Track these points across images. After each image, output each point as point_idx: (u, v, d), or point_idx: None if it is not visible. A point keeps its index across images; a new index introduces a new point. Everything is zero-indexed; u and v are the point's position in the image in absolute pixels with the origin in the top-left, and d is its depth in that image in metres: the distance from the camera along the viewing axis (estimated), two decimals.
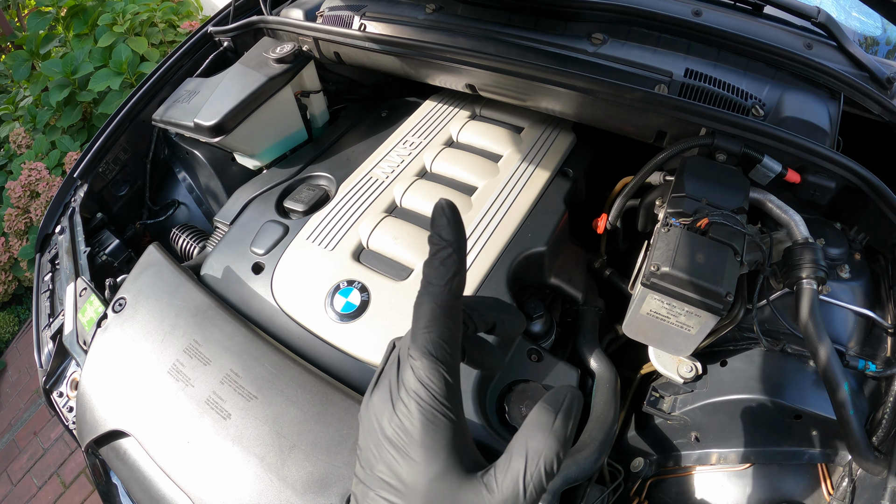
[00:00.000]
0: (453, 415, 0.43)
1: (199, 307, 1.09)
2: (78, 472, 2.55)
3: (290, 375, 0.98)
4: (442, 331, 0.44)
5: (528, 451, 0.42)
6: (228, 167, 1.61)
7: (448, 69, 1.33)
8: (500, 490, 0.41)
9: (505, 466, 0.42)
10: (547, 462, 0.41)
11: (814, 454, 0.99)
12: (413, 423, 0.42)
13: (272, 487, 0.89)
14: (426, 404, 0.42)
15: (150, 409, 1.02)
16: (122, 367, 1.08)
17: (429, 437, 0.42)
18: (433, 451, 0.42)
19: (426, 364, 0.43)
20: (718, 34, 1.16)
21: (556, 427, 0.42)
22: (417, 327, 0.45)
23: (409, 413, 0.43)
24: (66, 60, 3.10)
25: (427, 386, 0.43)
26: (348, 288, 1.10)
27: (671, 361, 1.06)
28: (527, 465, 0.41)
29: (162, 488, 0.98)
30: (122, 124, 1.61)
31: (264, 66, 1.44)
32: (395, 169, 1.35)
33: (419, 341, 0.44)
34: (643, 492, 1.10)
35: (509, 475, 0.41)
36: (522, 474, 0.41)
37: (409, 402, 0.43)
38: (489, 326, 0.53)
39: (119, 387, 1.06)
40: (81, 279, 1.32)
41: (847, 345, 1.01)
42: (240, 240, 1.26)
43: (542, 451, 0.41)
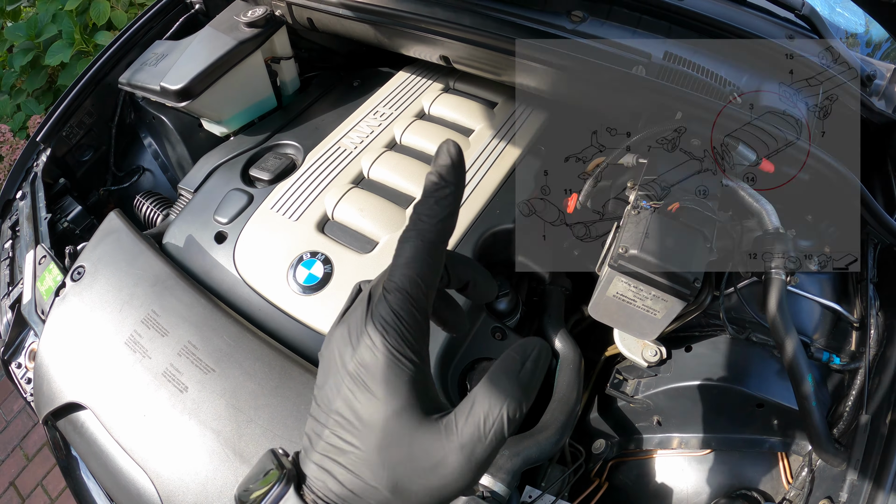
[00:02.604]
0: (417, 355, 0.42)
1: (158, 276, 1.07)
2: (41, 445, 2.51)
3: (248, 348, 0.96)
4: (422, 269, 0.42)
5: (492, 398, 0.40)
6: (195, 133, 1.57)
7: (422, 39, 1.30)
8: (458, 434, 0.40)
9: (466, 410, 0.40)
10: (510, 410, 0.40)
11: (774, 443, 1.00)
12: (377, 357, 0.41)
13: (228, 463, 0.87)
14: (393, 339, 0.41)
15: (106, 382, 1.00)
16: (80, 337, 1.06)
17: (392, 372, 0.41)
18: (394, 388, 0.41)
19: (399, 299, 0.41)
20: (700, 19, 1.14)
21: (521, 375, 0.41)
22: (398, 262, 0.43)
23: (374, 346, 0.41)
24: (30, 23, 2.99)
25: (397, 321, 0.41)
26: (311, 259, 1.08)
27: (636, 345, 1.06)
28: (489, 410, 0.40)
29: (118, 462, 0.96)
30: (87, 87, 1.56)
31: (234, 30, 1.39)
32: (364, 140, 1.32)
33: (397, 275, 0.42)
34: (604, 473, 1.11)
35: (470, 420, 0.40)
36: (483, 420, 0.40)
37: (374, 337, 0.41)
38: (462, 284, 0.51)
39: (76, 358, 1.04)
40: (41, 246, 1.28)
41: (813, 337, 1.02)
42: (203, 208, 1.23)
43: (505, 399, 0.40)
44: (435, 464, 0.40)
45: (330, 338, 0.45)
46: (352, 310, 0.45)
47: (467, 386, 0.95)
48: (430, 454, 0.40)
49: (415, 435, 0.40)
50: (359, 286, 0.48)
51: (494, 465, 0.83)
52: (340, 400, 0.42)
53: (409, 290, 0.42)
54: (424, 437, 0.40)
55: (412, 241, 0.43)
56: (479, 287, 0.52)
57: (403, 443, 0.40)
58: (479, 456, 0.40)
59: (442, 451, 0.40)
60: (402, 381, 0.41)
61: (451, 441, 0.40)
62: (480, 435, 0.39)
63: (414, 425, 0.40)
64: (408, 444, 0.40)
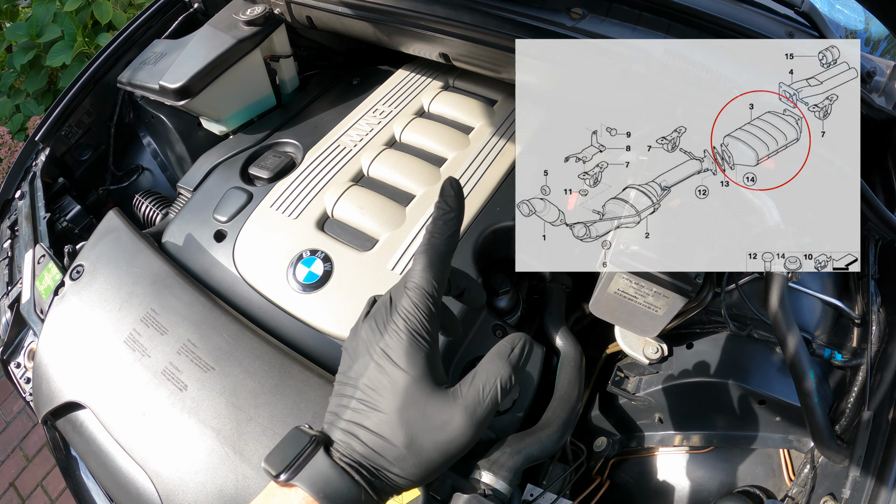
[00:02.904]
0: (431, 337, 0.53)
1: (157, 275, 1.06)
2: (41, 446, 2.51)
3: (248, 346, 0.95)
4: (435, 273, 0.55)
5: (489, 371, 0.52)
6: (194, 132, 1.57)
7: (422, 37, 1.29)
8: (463, 398, 0.51)
9: (469, 381, 0.52)
10: (503, 380, 0.51)
11: (776, 440, 1.00)
12: (401, 337, 0.52)
13: (228, 461, 0.87)
14: (413, 322, 0.52)
15: (105, 380, 0.99)
16: (79, 336, 1.05)
17: (412, 348, 0.52)
18: (414, 360, 0.52)
19: (418, 294, 0.53)
20: (699, 16, 1.14)
21: (511, 357, 0.53)
22: (416, 268, 0.55)
23: (399, 330, 0.53)
24: (31, 23, 2.98)
25: (417, 308, 0.53)
26: (311, 258, 1.07)
27: (637, 342, 1.05)
28: (486, 379, 0.51)
29: (118, 462, 0.96)
30: (86, 86, 1.56)
31: (233, 29, 1.39)
32: (363, 138, 1.32)
33: (416, 277, 0.54)
34: (605, 471, 1.10)
35: (472, 388, 0.51)
36: (482, 386, 0.51)
37: (399, 322, 0.53)
38: (460, 291, 0.65)
39: (75, 357, 1.04)
40: (40, 246, 1.28)
41: (814, 333, 1.01)
42: (203, 206, 1.23)
43: (499, 372, 0.52)
44: (444, 422, 0.50)
45: (356, 332, 0.56)
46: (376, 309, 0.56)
47: None
48: (440, 413, 0.50)
49: (428, 398, 0.51)
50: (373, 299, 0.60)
51: (496, 462, 0.83)
52: (368, 374, 0.52)
53: (426, 288, 0.54)
54: (436, 400, 0.51)
55: (427, 253, 0.55)
56: (472, 294, 0.66)
57: (420, 404, 0.51)
58: (480, 415, 0.50)
59: (449, 412, 0.50)
60: (421, 355, 0.52)
61: (457, 403, 0.51)
62: (480, 399, 0.51)
63: (428, 391, 0.51)
64: (423, 406, 0.51)
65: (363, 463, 0.50)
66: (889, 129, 1.08)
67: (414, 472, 0.51)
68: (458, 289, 0.64)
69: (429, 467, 0.51)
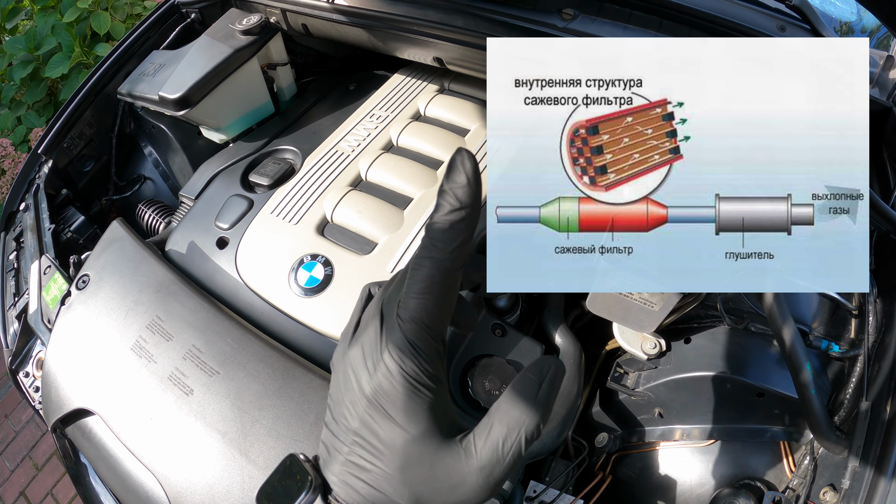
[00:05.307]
0: (436, 382, 0.42)
1: (161, 283, 1.08)
2: (50, 454, 2.52)
3: (252, 350, 0.97)
4: (437, 298, 0.41)
5: (510, 420, 0.41)
6: (195, 141, 1.58)
7: (416, 42, 1.31)
8: (478, 456, 0.41)
9: (485, 433, 0.41)
10: (528, 432, 0.41)
11: (776, 432, 1.00)
12: (395, 386, 0.41)
13: (234, 463, 0.88)
14: (410, 369, 0.41)
15: (113, 387, 1.01)
16: (86, 344, 1.07)
17: (411, 401, 0.41)
18: (414, 415, 0.41)
19: (415, 329, 0.41)
20: (690, 12, 1.15)
21: (539, 397, 0.42)
22: (411, 291, 0.41)
23: (392, 376, 0.41)
24: (30, 36, 2.99)
25: (413, 351, 0.41)
26: (312, 262, 1.09)
27: (635, 338, 1.06)
28: (507, 433, 0.41)
29: (127, 466, 0.97)
30: (87, 98, 1.56)
31: (230, 38, 1.41)
32: (361, 143, 1.33)
33: (411, 306, 0.41)
34: (607, 467, 1.11)
35: (489, 442, 0.41)
36: (502, 442, 0.40)
37: (391, 366, 0.41)
38: (474, 285, 0.52)
39: (83, 364, 1.05)
40: (46, 257, 1.29)
41: (811, 325, 1.02)
42: (204, 214, 1.24)
43: (524, 422, 0.41)
44: (455, 484, 0.41)
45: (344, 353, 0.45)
46: (364, 327, 0.45)
47: (468, 382, 0.96)
48: (450, 476, 0.41)
49: (435, 458, 0.41)
50: (368, 290, 0.49)
51: None
52: (359, 422, 0.42)
53: (425, 321, 0.41)
54: (445, 459, 0.41)
55: (426, 270, 0.41)
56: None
57: (424, 465, 0.41)
58: (497, 476, 0.41)
59: (462, 473, 0.41)
60: (422, 408, 0.41)
61: (470, 463, 0.41)
62: (499, 457, 0.40)
63: (434, 449, 0.41)
64: (429, 467, 0.41)
65: None
66: (883, 120, 1.08)
67: None
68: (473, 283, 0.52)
69: None
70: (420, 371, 0.41)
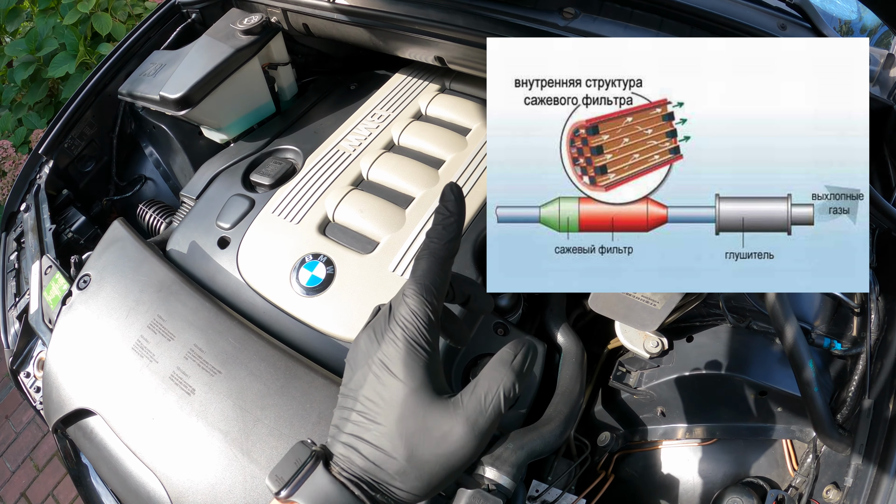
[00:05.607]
0: (430, 346, 0.51)
1: (163, 282, 1.08)
2: (51, 455, 2.52)
3: (253, 350, 0.97)
4: (434, 279, 0.52)
5: (491, 379, 0.49)
6: (196, 141, 1.58)
7: (417, 41, 1.31)
8: (464, 408, 0.48)
9: (470, 390, 0.49)
10: (506, 388, 0.48)
11: (779, 430, 1.00)
12: (398, 346, 0.50)
13: (236, 462, 0.88)
14: (411, 331, 0.50)
15: (115, 387, 1.01)
16: (88, 344, 1.07)
17: (410, 358, 0.49)
18: (412, 370, 0.49)
19: (416, 301, 0.50)
20: (691, 11, 1.14)
21: (514, 363, 0.49)
22: (415, 275, 0.52)
23: (396, 339, 0.50)
24: (30, 37, 2.99)
25: (414, 317, 0.50)
26: (313, 261, 1.09)
27: (637, 336, 1.06)
28: (488, 388, 0.48)
29: (129, 466, 0.97)
30: (87, 99, 1.57)
31: (231, 38, 1.41)
32: (362, 142, 1.33)
33: (414, 284, 0.51)
34: (610, 466, 1.11)
35: (474, 397, 0.48)
36: (484, 395, 0.48)
37: (396, 331, 0.50)
38: (465, 299, 0.60)
39: (84, 364, 1.05)
40: (46, 257, 1.30)
41: (813, 323, 1.01)
42: (206, 214, 1.24)
43: (502, 379, 0.48)
44: (444, 433, 0.48)
45: (356, 343, 0.54)
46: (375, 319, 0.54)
47: (470, 380, 0.96)
48: (440, 425, 0.48)
49: (428, 409, 0.48)
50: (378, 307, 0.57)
51: (499, 458, 0.84)
52: (367, 386, 0.50)
53: (424, 295, 0.51)
54: (436, 411, 0.48)
55: (425, 258, 0.53)
56: (478, 301, 0.61)
57: (419, 416, 0.48)
58: (481, 426, 0.48)
59: (450, 423, 0.48)
60: (419, 364, 0.49)
61: (457, 414, 0.48)
62: (482, 408, 0.48)
63: (427, 401, 0.49)
64: (422, 417, 0.48)
65: (363, 477, 0.49)
66: (884, 118, 1.08)
67: (416, 485, 0.49)
68: (464, 296, 0.60)
69: (431, 481, 0.49)
70: (418, 334, 0.50)
